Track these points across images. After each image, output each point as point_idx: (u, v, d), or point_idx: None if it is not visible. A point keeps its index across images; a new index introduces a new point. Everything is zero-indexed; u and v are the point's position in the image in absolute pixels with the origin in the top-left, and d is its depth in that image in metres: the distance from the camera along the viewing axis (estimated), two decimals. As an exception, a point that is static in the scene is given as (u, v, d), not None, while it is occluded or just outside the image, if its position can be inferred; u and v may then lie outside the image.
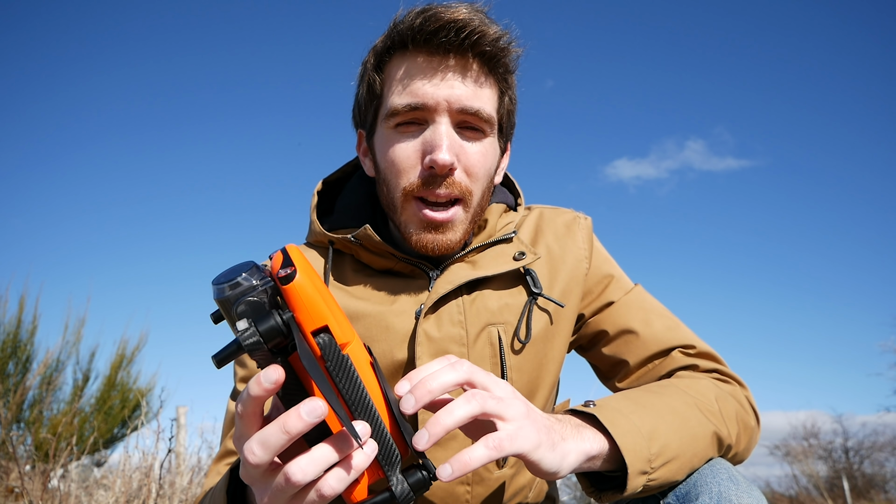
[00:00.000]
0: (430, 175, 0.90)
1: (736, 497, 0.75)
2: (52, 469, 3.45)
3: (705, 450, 0.82)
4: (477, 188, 0.94)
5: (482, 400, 0.64)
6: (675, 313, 1.07)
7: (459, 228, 0.94)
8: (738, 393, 0.94)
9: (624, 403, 0.80)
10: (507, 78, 0.96)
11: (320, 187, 1.10)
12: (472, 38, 0.88)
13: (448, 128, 0.90)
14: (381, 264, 0.99)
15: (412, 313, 0.94)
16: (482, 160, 0.94)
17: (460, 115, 0.91)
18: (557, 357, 1.01)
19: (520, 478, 0.97)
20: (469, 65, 0.91)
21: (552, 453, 0.68)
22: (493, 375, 0.70)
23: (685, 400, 0.85)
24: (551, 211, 1.11)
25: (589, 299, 1.05)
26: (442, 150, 0.88)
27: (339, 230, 1.02)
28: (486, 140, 0.94)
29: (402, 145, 0.92)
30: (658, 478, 0.76)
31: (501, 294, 0.97)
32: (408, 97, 0.90)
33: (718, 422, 0.85)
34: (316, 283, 0.61)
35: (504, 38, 0.91)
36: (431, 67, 0.90)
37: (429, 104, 0.90)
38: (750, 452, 0.95)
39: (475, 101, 0.91)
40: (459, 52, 0.90)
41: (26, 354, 5.75)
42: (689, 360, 0.99)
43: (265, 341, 0.57)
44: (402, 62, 0.93)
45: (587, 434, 0.74)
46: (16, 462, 3.79)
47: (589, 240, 1.07)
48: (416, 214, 0.92)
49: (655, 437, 0.77)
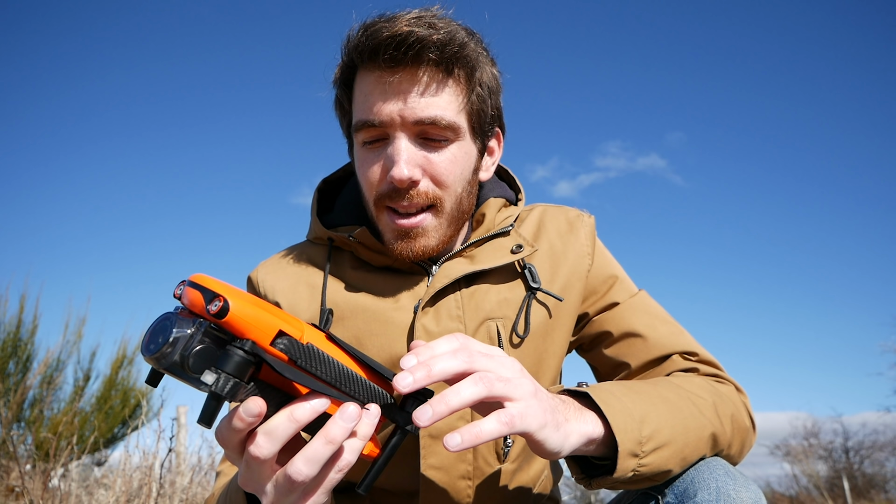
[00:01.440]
0: (393, 189, 0.91)
1: (734, 492, 0.76)
2: (52, 468, 3.45)
3: (697, 443, 0.81)
4: (448, 194, 0.94)
5: (489, 383, 0.65)
6: (676, 317, 1.07)
7: (433, 234, 0.95)
8: (734, 395, 0.94)
9: (618, 388, 0.81)
10: (471, 76, 0.93)
11: (321, 186, 1.11)
12: (414, 50, 0.87)
13: (405, 142, 0.90)
14: (379, 261, 1.00)
15: (411, 308, 0.94)
16: (450, 167, 0.93)
17: (416, 126, 0.90)
18: (558, 352, 1.01)
19: (521, 474, 0.97)
20: (418, 76, 0.89)
21: (556, 433, 0.69)
22: (500, 355, 0.70)
23: (679, 393, 0.85)
24: (555, 208, 1.11)
25: (593, 299, 1.05)
26: (399, 166, 0.89)
27: (338, 228, 1.03)
28: (454, 146, 0.93)
29: (368, 160, 0.94)
30: (648, 464, 0.76)
31: (500, 288, 0.98)
32: (364, 115, 0.92)
33: (712, 418, 0.85)
34: (244, 297, 0.59)
35: (455, 40, 0.88)
36: (382, 83, 0.90)
37: (384, 120, 0.90)
38: (744, 456, 0.94)
39: (429, 110, 0.89)
40: (405, 64, 0.88)
41: (27, 354, 5.75)
42: (690, 364, 0.99)
43: (241, 379, 0.57)
44: (360, 78, 0.94)
45: (588, 417, 0.75)
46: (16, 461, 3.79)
47: (592, 237, 1.07)
48: (388, 224, 0.94)
49: (647, 422, 0.77)
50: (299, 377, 0.59)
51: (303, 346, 0.61)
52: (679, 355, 1.00)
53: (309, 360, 0.61)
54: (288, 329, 0.60)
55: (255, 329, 0.58)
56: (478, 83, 0.94)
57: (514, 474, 0.96)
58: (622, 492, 0.93)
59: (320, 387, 0.61)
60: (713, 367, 0.99)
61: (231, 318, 0.56)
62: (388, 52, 0.87)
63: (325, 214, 1.08)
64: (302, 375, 0.60)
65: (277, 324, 0.59)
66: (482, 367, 0.67)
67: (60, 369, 5.90)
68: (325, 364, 0.63)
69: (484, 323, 0.95)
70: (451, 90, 0.92)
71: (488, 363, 0.68)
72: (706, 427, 0.83)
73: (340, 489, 0.99)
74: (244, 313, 0.57)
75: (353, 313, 0.95)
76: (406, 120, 0.89)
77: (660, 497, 0.82)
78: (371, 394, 0.67)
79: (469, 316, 0.94)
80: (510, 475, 0.95)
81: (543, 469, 1.02)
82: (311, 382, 0.60)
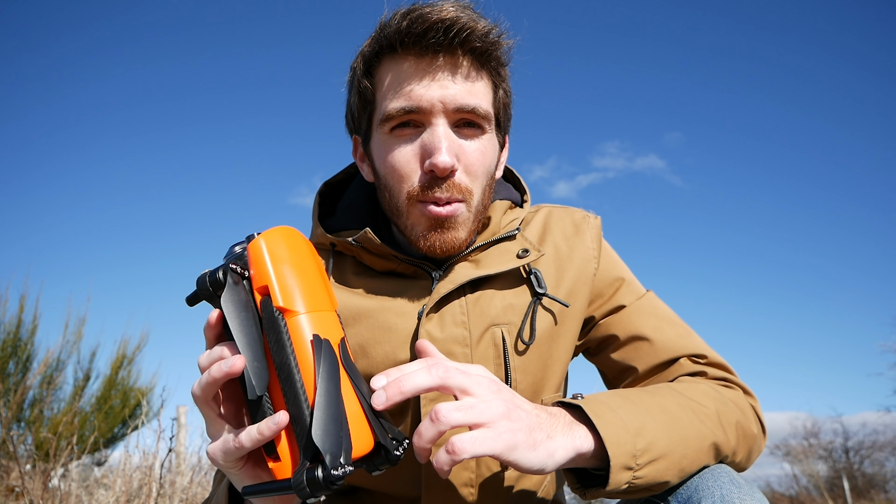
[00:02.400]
0: (432, 178, 0.89)
1: (739, 500, 0.74)
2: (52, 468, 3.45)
3: (697, 454, 0.80)
4: (477, 186, 0.93)
5: (444, 374, 0.68)
6: (682, 316, 1.05)
7: (463, 227, 0.93)
8: (741, 400, 0.92)
9: (613, 399, 0.79)
10: (500, 71, 0.94)
11: (323, 189, 1.09)
12: (461, 36, 0.86)
13: (446, 129, 0.89)
14: (382, 266, 0.98)
15: (414, 314, 0.93)
16: (481, 158, 0.92)
17: (456, 114, 0.89)
18: (563, 358, 0.99)
19: (524, 480, 0.96)
20: (459, 62, 0.89)
21: (532, 453, 0.69)
22: (477, 373, 0.72)
23: (679, 402, 0.84)
24: (560, 210, 1.09)
25: (599, 302, 1.03)
26: (441, 152, 0.87)
27: (340, 232, 1.01)
28: (485, 137, 0.93)
29: (401, 150, 0.91)
30: (644, 476, 0.75)
31: (505, 294, 0.96)
32: (402, 101, 0.89)
33: (714, 427, 0.83)
34: (277, 252, 0.68)
35: (493, 32, 0.89)
36: (422, 69, 0.89)
37: (423, 106, 0.88)
38: (752, 462, 0.92)
39: (470, 98, 0.89)
40: (449, 51, 0.88)
41: (27, 354, 5.74)
42: (698, 367, 0.97)
43: (198, 287, 0.68)
44: (391, 66, 0.91)
45: (579, 431, 0.74)
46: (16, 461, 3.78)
47: (598, 239, 1.05)
48: (422, 214, 0.91)
49: (642, 434, 0.76)
50: (238, 326, 0.65)
51: (274, 313, 0.66)
52: (687, 358, 0.98)
53: (269, 328, 0.66)
54: (273, 293, 0.66)
55: (254, 268, 0.68)
56: (505, 78, 0.95)
57: (516, 480, 0.95)
58: (625, 500, 0.92)
59: (252, 352, 0.65)
60: (723, 369, 0.98)
61: (249, 247, 0.69)
62: (435, 37, 0.86)
63: (326, 218, 1.06)
64: (245, 328, 0.65)
65: (268, 281, 0.67)
66: (455, 384, 0.68)
67: (60, 369, 5.90)
68: (278, 344, 0.65)
69: (489, 329, 0.93)
70: (486, 81, 0.92)
71: (463, 380, 0.68)
72: (707, 437, 0.82)
73: (341, 491, 0.99)
74: (255, 253, 0.68)
75: (356, 320, 0.93)
76: (447, 106, 0.88)
77: None
78: (296, 411, 0.64)
79: (474, 322, 0.93)
80: (513, 481, 0.94)
81: (548, 475, 1.01)
82: (246, 340, 0.65)
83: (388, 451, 0.67)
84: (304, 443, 0.63)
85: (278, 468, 0.65)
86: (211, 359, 0.68)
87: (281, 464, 0.65)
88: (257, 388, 0.64)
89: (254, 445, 0.66)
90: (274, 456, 0.65)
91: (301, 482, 0.61)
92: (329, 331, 0.68)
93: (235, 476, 0.71)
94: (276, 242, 0.69)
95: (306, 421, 0.63)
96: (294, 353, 0.65)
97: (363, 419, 0.67)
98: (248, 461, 0.70)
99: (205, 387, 0.68)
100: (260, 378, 0.64)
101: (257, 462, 0.71)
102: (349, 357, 0.69)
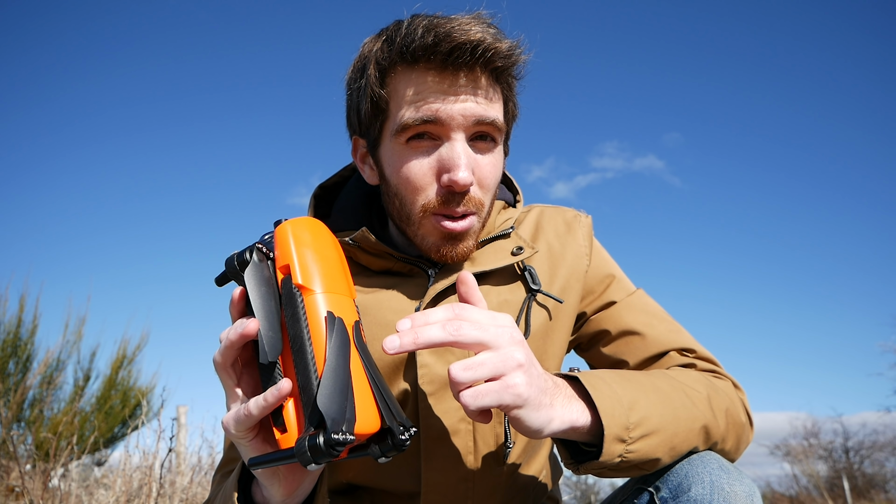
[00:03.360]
0: (449, 193, 0.90)
1: (728, 485, 0.76)
2: (52, 468, 3.45)
3: (688, 433, 0.82)
4: (488, 198, 0.95)
5: (455, 331, 0.69)
6: (675, 318, 1.07)
7: (473, 236, 0.95)
8: (730, 390, 0.94)
9: (609, 375, 0.81)
10: (512, 84, 0.96)
11: (318, 192, 1.10)
12: (486, 56, 0.88)
13: (464, 145, 0.90)
14: (379, 265, 0.99)
15: (411, 310, 0.94)
16: (493, 171, 0.94)
17: (475, 127, 0.90)
18: (558, 353, 1.01)
19: (521, 475, 0.97)
20: (479, 78, 0.90)
21: (536, 413, 0.70)
22: (494, 325, 0.72)
23: (672, 384, 0.86)
24: (552, 209, 1.12)
25: (590, 298, 1.05)
26: (461, 168, 0.88)
27: (336, 233, 1.02)
28: (497, 149, 0.95)
29: (417, 162, 0.91)
30: (636, 450, 0.76)
31: (500, 290, 0.98)
32: (421, 113, 0.89)
33: (705, 410, 0.85)
34: (301, 236, 0.73)
35: (515, 52, 0.91)
36: (444, 83, 0.89)
37: (443, 120, 0.89)
38: (740, 452, 0.94)
39: (489, 112, 0.90)
40: (470, 67, 0.89)
41: (27, 354, 5.75)
42: (688, 360, 0.99)
43: (226, 266, 0.73)
44: (411, 77, 0.91)
45: (576, 405, 0.75)
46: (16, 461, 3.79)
47: (589, 237, 1.08)
48: (436, 228, 0.92)
49: (636, 408, 0.77)
50: (258, 298, 0.69)
51: (292, 289, 0.69)
52: (676, 352, 1.00)
53: (287, 302, 0.69)
54: (294, 272, 0.70)
55: (278, 248, 0.73)
56: (514, 92, 0.97)
57: (514, 475, 0.96)
58: (618, 488, 0.94)
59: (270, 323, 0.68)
60: (711, 363, 1.00)
61: (277, 230, 0.73)
62: (461, 57, 0.87)
63: (322, 220, 1.07)
64: (265, 300, 0.69)
65: (289, 260, 0.71)
66: (469, 339, 0.69)
67: (60, 369, 5.91)
68: (293, 318, 0.68)
69: None
70: (500, 95, 0.94)
71: (478, 335, 0.70)
72: (698, 418, 0.83)
73: (340, 490, 0.99)
74: (281, 235, 0.73)
75: None
76: (467, 120, 0.89)
77: (654, 491, 0.83)
78: (304, 382, 0.66)
79: None
80: (510, 476, 0.95)
81: (542, 469, 1.03)
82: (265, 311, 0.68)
83: (394, 435, 0.68)
84: (310, 411, 0.64)
85: (284, 439, 0.67)
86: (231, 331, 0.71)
87: (287, 434, 0.67)
88: (269, 355, 0.66)
89: (261, 413, 0.67)
90: (281, 426, 0.67)
91: (303, 447, 0.62)
92: (344, 312, 0.70)
93: (245, 449, 0.72)
94: (302, 228, 0.74)
95: (314, 390, 0.64)
96: (308, 327, 0.67)
97: (371, 399, 0.68)
98: (258, 433, 0.72)
99: (223, 352, 0.70)
100: (273, 346, 0.67)
101: (267, 436, 0.73)
102: (362, 339, 0.71)
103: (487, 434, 0.92)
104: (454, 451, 0.91)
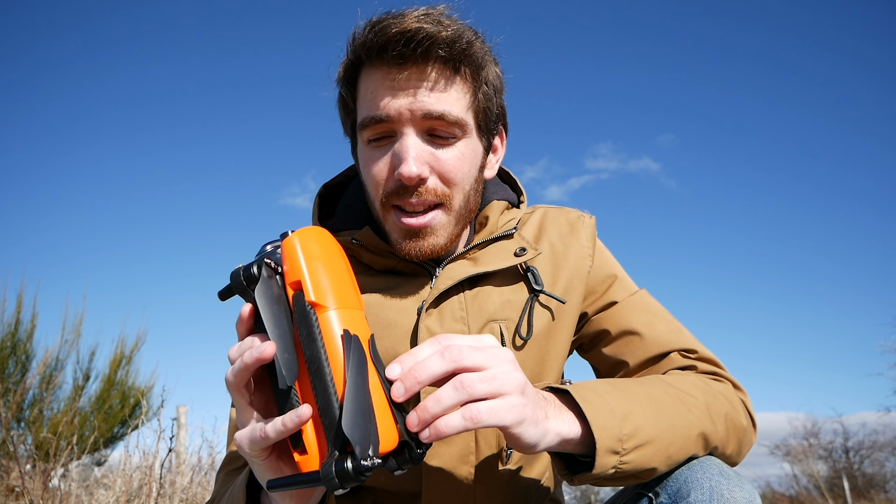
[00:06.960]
0: (401, 186, 0.91)
1: (728, 491, 0.75)
2: (52, 468, 3.45)
3: (684, 442, 0.81)
4: (457, 191, 0.94)
5: (457, 356, 0.67)
6: (677, 316, 1.06)
7: (442, 233, 0.94)
8: (730, 393, 0.93)
9: (602, 386, 0.81)
10: (478, 74, 0.94)
11: (322, 191, 1.11)
12: (423, 46, 0.87)
13: (414, 139, 0.90)
14: (382, 264, 0.99)
15: (414, 310, 0.94)
16: (458, 164, 0.93)
17: (425, 121, 0.90)
18: (560, 354, 1.01)
19: (524, 476, 0.97)
20: (427, 71, 0.89)
21: (534, 429, 0.70)
22: (490, 346, 0.71)
23: (667, 391, 0.85)
24: (556, 210, 1.11)
25: (592, 298, 1.05)
26: (407, 162, 0.88)
27: (340, 232, 1.03)
28: (461, 143, 0.93)
29: (375, 159, 0.93)
30: (630, 461, 0.76)
31: (503, 291, 0.98)
32: (371, 111, 0.91)
33: (702, 417, 0.84)
34: (310, 249, 0.70)
35: (463, 38, 0.89)
36: (389, 79, 0.89)
37: (391, 115, 0.89)
38: (742, 456, 0.93)
39: (438, 105, 0.90)
40: (413, 61, 0.89)
41: (25, 353, 5.75)
42: (689, 362, 0.98)
43: (231, 281, 0.70)
44: (368, 76, 0.93)
45: (566, 417, 0.75)
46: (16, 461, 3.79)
47: (592, 238, 1.07)
48: (396, 223, 0.93)
49: (629, 419, 0.77)
50: (270, 318, 0.66)
51: (305, 307, 0.66)
52: (677, 353, 0.99)
53: (300, 321, 0.67)
54: (306, 288, 0.67)
55: (287, 264, 0.69)
56: (484, 81, 0.94)
57: (516, 476, 0.96)
58: (618, 492, 0.93)
59: (284, 343, 0.66)
60: (712, 364, 0.99)
61: (283, 243, 0.70)
62: (396, 49, 0.87)
63: (325, 220, 1.08)
64: (277, 319, 0.67)
65: (301, 276, 0.68)
66: (471, 364, 0.68)
67: (59, 369, 5.91)
68: (308, 337, 0.66)
69: (487, 324, 0.95)
70: (459, 87, 0.92)
71: (479, 358, 0.68)
72: (695, 426, 0.83)
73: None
74: (289, 249, 0.69)
75: None
76: (415, 115, 0.89)
77: (653, 497, 0.82)
78: (324, 403, 0.64)
79: (472, 317, 0.94)
80: (513, 477, 0.95)
81: (545, 471, 1.02)
82: (278, 332, 0.66)
83: (411, 449, 0.67)
84: (334, 434, 0.63)
85: (305, 461, 0.65)
86: (241, 349, 0.69)
87: (308, 456, 0.65)
88: (287, 379, 0.64)
89: (278, 437, 0.66)
90: (301, 448, 0.66)
91: (330, 473, 0.61)
92: (358, 328, 0.69)
93: (259, 467, 0.71)
94: (310, 240, 0.71)
95: (335, 413, 0.63)
96: (324, 347, 0.65)
97: (389, 415, 0.67)
98: (272, 452, 0.71)
99: (237, 373, 0.68)
100: (290, 369, 0.65)
101: (281, 455, 0.72)
102: (377, 354, 0.70)
103: (489, 435, 0.92)
104: (455, 451, 0.91)
